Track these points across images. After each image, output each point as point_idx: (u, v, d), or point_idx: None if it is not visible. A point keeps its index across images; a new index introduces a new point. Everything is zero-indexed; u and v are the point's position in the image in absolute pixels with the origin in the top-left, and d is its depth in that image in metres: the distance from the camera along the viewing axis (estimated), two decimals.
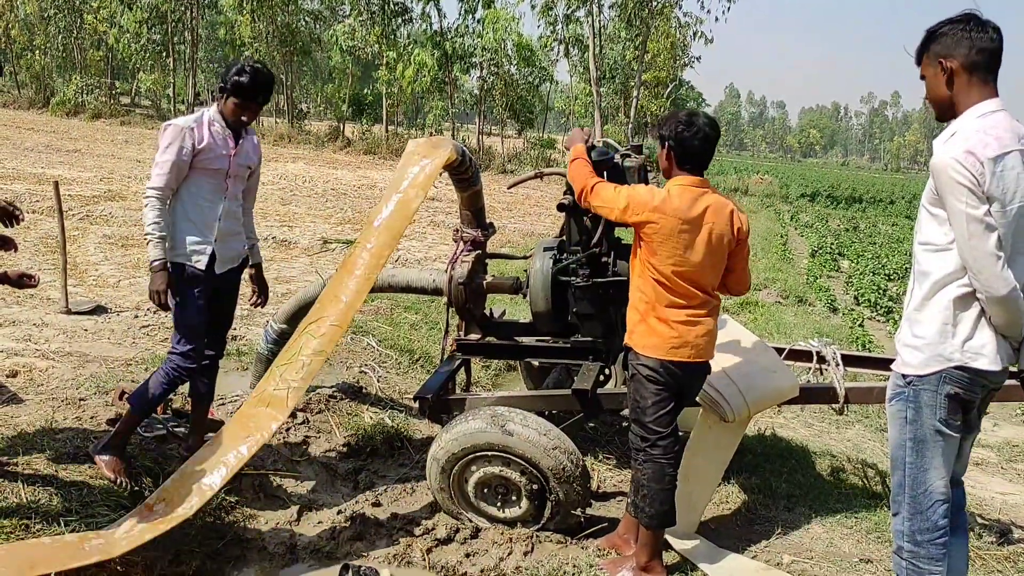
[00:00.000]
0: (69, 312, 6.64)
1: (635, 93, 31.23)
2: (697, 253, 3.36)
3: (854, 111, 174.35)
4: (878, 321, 10.39)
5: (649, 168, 4.46)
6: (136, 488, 3.83)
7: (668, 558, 3.73)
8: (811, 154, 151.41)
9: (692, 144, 3.40)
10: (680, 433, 4.18)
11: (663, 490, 3.50)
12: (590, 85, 31.26)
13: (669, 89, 37.82)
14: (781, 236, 18.29)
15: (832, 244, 17.62)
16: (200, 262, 3.87)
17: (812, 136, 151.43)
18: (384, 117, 38.60)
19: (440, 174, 4.10)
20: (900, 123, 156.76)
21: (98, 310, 6.75)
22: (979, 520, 4.54)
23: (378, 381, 5.81)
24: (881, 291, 11.59)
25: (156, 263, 3.73)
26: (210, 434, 4.14)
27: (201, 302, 3.91)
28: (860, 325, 9.53)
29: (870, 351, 7.07)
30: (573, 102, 43.69)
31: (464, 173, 4.33)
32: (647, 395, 3.50)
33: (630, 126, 30.47)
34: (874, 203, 34.41)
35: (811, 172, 67.49)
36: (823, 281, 12.65)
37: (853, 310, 10.60)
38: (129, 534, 3.33)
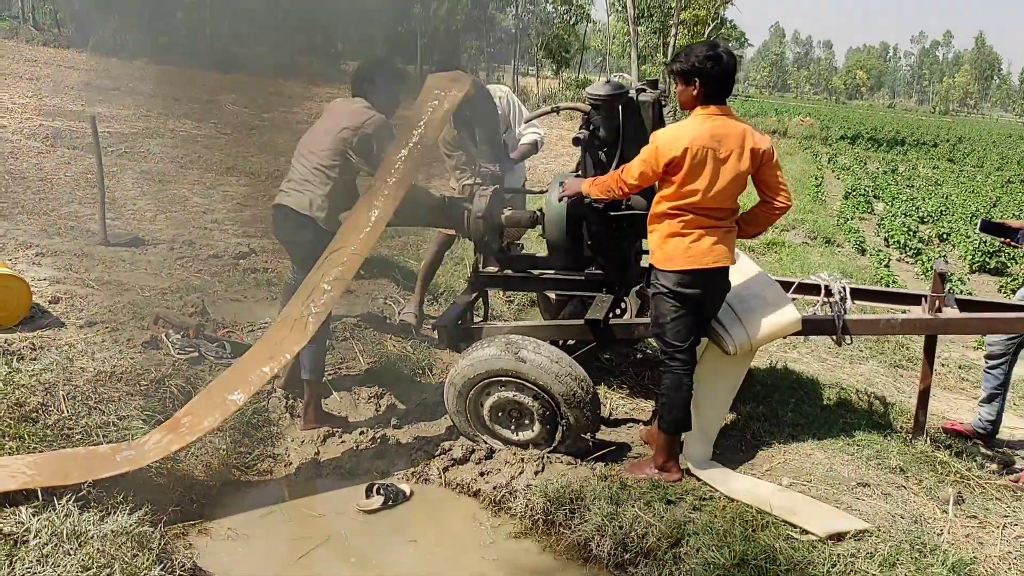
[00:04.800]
0: (108, 244, 6.88)
1: (673, 32, 30.68)
2: (716, 180, 3.56)
3: (903, 51, 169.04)
4: (906, 262, 10.34)
5: (664, 103, 4.52)
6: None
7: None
8: (857, 96, 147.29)
9: (719, 76, 3.57)
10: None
11: (680, 398, 3.81)
12: (627, 24, 30.74)
13: (710, 28, 37.03)
14: (816, 178, 18.08)
15: (867, 186, 17.36)
16: None
17: (859, 77, 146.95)
18: (419, 55, 38.38)
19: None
20: (951, 64, 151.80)
21: (135, 242, 6.97)
22: (982, 450, 4.65)
23: (399, 313, 5.98)
24: (912, 232, 11.49)
25: None
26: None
27: None
28: (886, 265, 9.52)
29: None
30: (610, 42, 43.06)
31: None
32: (665, 311, 3.76)
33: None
34: (917, 146, 33.66)
35: (855, 114, 65.92)
36: (854, 223, 12.56)
37: (881, 251, 10.54)
38: (158, 445, 3.56)
